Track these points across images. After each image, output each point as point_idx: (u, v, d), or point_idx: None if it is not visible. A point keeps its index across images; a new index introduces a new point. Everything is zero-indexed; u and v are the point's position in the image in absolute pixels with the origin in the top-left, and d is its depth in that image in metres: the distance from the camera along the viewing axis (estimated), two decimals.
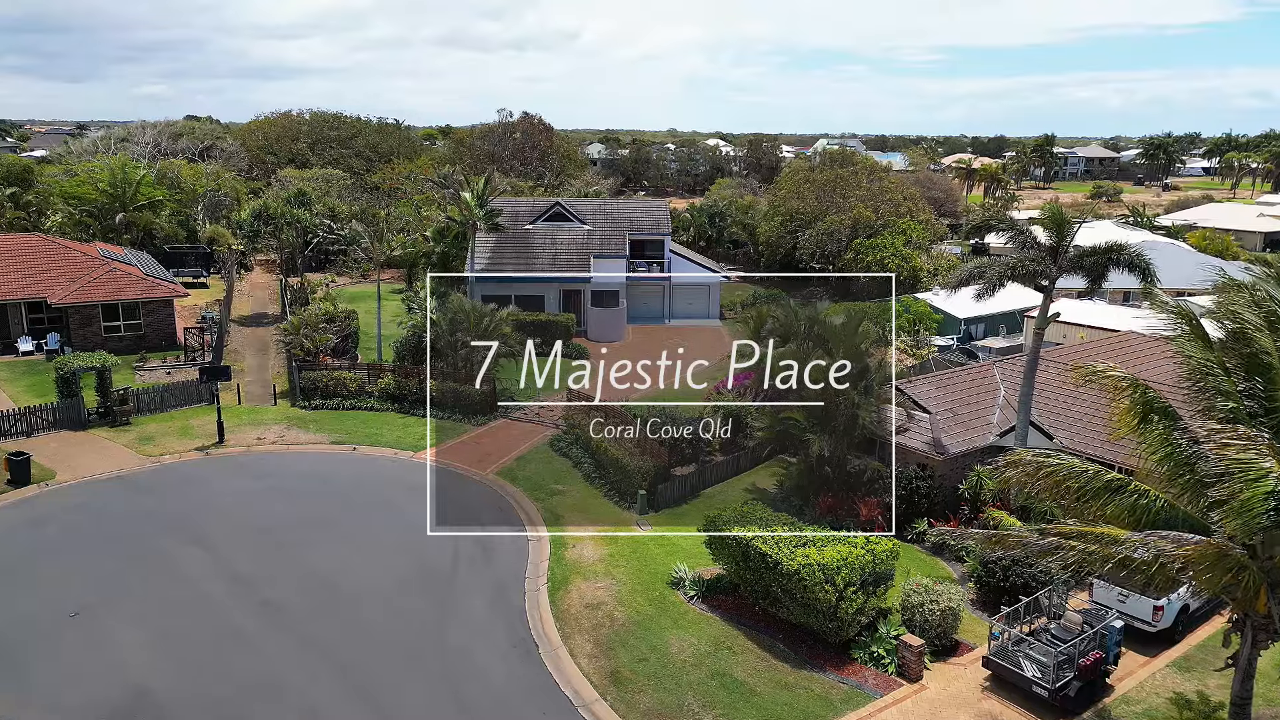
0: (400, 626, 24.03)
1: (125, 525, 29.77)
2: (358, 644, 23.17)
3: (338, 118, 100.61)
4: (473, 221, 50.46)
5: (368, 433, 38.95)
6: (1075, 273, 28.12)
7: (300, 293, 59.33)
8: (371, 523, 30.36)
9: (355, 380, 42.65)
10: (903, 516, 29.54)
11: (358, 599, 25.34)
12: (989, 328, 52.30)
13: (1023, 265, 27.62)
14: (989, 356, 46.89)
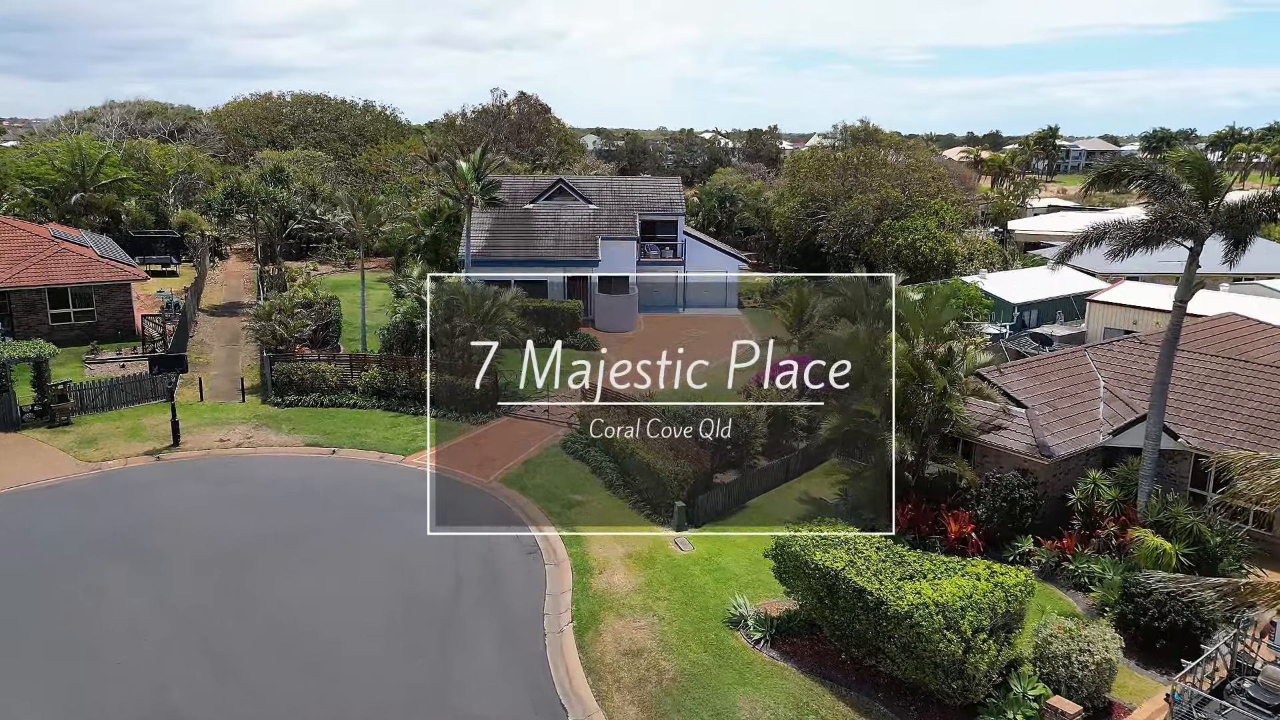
0: (388, 684, 18.60)
1: (48, 548, 24.22)
2: (331, 712, 17.73)
3: (321, 100, 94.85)
4: (468, 196, 45.02)
5: (350, 433, 33.47)
6: (1222, 231, 22.84)
7: (278, 280, 53.73)
8: (353, 542, 24.91)
9: (336, 373, 37.17)
10: (1001, 533, 24.30)
11: (333, 646, 19.90)
12: (1043, 314, 47.18)
13: (1174, 217, 22.32)
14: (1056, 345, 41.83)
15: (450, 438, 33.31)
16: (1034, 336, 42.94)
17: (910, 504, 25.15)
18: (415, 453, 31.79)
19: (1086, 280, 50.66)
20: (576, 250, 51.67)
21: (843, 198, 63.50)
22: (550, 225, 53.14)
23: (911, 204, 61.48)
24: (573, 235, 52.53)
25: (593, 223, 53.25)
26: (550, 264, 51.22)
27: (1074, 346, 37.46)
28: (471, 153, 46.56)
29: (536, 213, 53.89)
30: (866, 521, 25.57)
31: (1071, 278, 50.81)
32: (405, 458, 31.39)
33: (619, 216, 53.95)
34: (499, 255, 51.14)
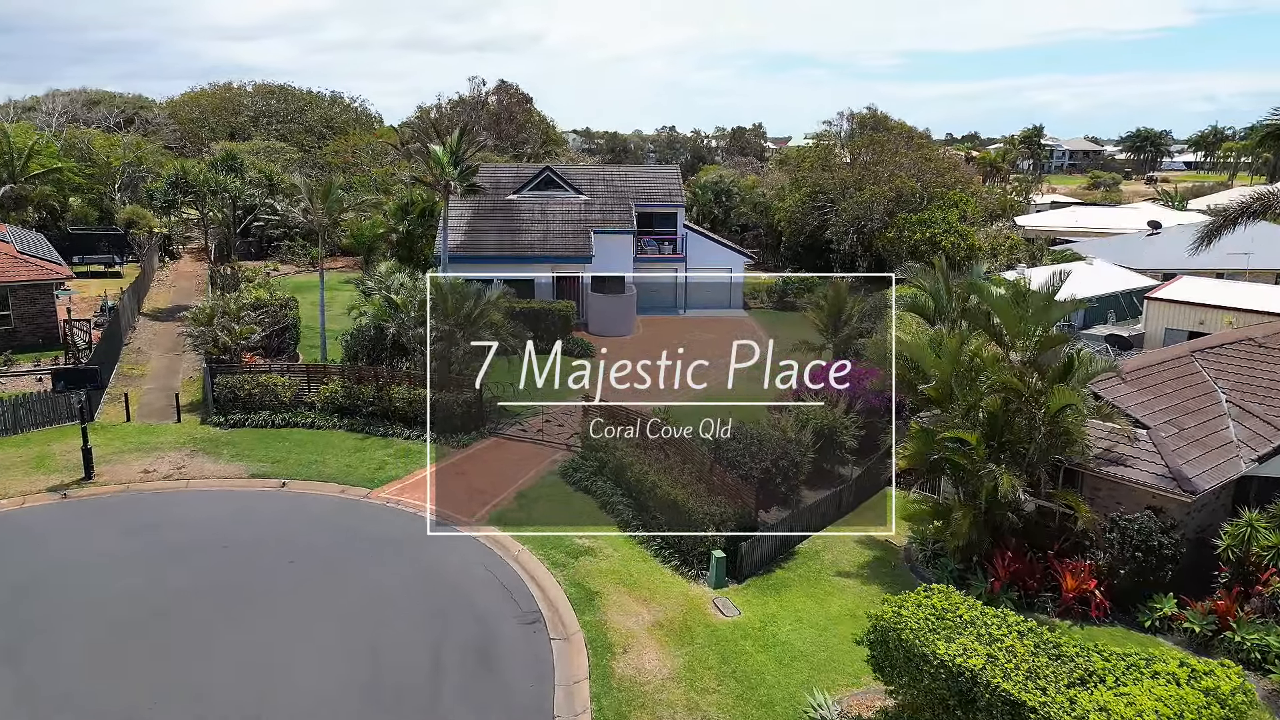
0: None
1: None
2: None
3: (284, 90, 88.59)
4: (444, 183, 39.45)
5: (304, 460, 27.80)
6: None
7: (232, 281, 47.81)
8: (301, 608, 19.31)
9: (290, 387, 31.45)
10: (1133, 588, 19.15)
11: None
12: (1092, 314, 42.27)
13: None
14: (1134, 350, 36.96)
15: (423, 464, 27.71)
16: (1110, 339, 38.01)
17: (1010, 551, 19.95)
18: (384, 485, 26.20)
19: (1131, 277, 45.93)
20: (567, 245, 46.21)
21: (852, 190, 58.47)
22: (537, 218, 47.64)
23: (928, 196, 56.53)
24: (562, 229, 47.06)
25: (584, 215, 47.81)
26: (538, 260, 45.72)
27: (1159, 349, 32.68)
28: (448, 136, 41.13)
29: (521, 204, 48.37)
30: (952, 574, 20.35)
31: (1117, 274, 46.09)
32: (371, 491, 25.78)
33: (613, 208, 48.55)
34: (480, 251, 45.57)
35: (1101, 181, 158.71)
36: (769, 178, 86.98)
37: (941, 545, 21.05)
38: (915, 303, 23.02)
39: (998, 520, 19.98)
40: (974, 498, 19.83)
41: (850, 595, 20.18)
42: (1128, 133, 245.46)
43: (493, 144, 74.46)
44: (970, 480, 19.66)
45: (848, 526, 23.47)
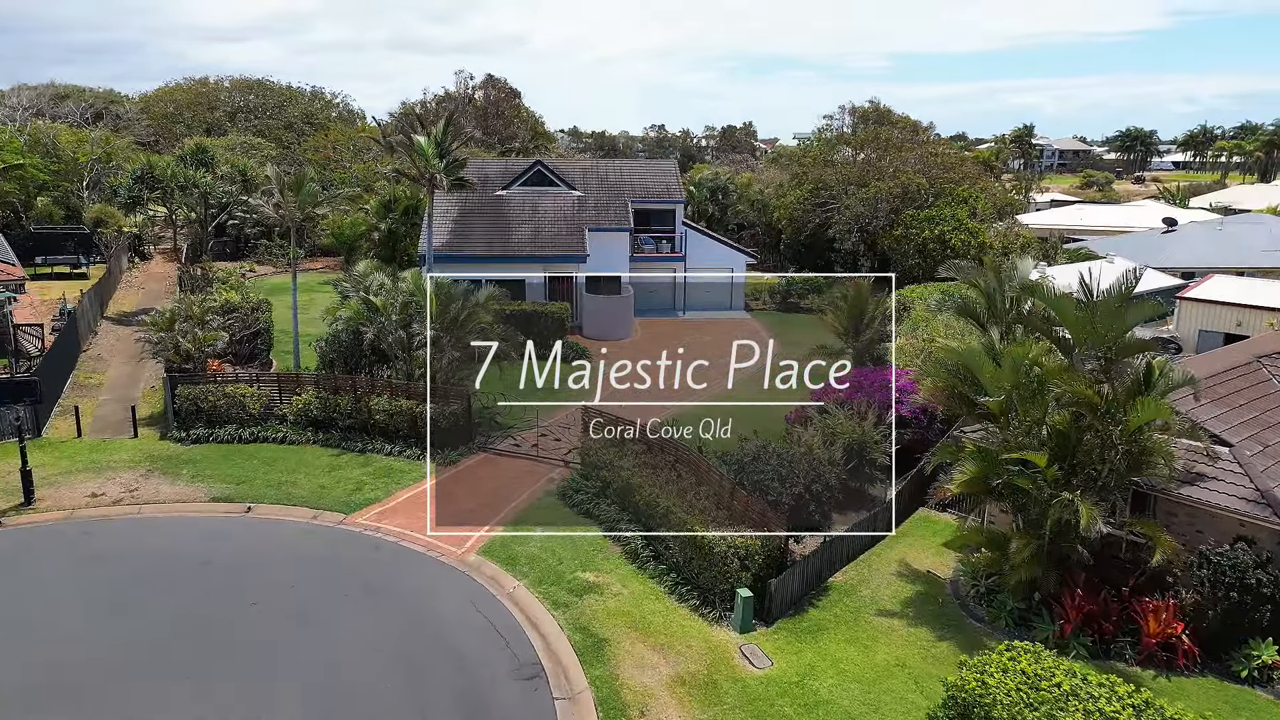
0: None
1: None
2: None
3: (263, 84, 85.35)
4: (429, 176, 36.66)
5: (273, 480, 25.01)
6: None
7: (202, 281, 44.87)
8: (260, 664, 16.56)
9: (259, 398, 28.62)
10: (1224, 632, 16.64)
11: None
12: None
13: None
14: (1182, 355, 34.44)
15: (407, 484, 24.98)
16: (1159, 342, 35.53)
17: (1080, 589, 17.41)
18: (361, 509, 23.43)
19: (1155, 275, 43.62)
20: (559, 243, 43.51)
21: (855, 186, 56.04)
22: (528, 214, 44.92)
23: (936, 192, 54.14)
24: (554, 226, 44.35)
25: (578, 211, 45.12)
26: (529, 260, 43.00)
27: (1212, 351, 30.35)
28: (432, 127, 38.36)
29: (511, 200, 45.63)
30: (1012, 614, 17.80)
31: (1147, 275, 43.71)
32: (348, 516, 23.01)
33: (608, 204, 45.88)
34: (467, 250, 42.80)
35: (1094, 181, 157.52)
36: (764, 175, 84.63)
37: (996, 579, 18.48)
38: (967, 305, 20.42)
39: (1063, 552, 17.44)
40: (1037, 527, 17.27)
41: (897, 640, 17.58)
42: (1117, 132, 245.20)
43: (480, 138, 71.66)
44: (1034, 507, 17.10)
45: (884, 556, 20.86)
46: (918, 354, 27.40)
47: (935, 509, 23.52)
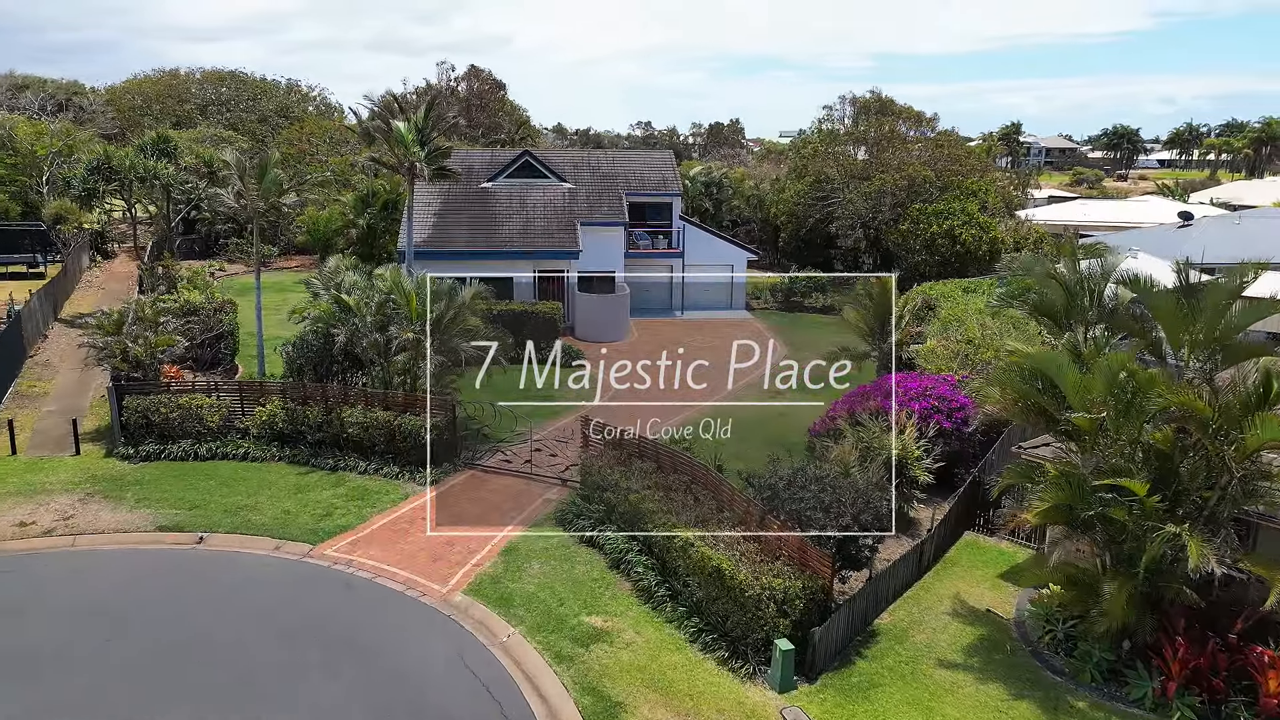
0: None
1: None
2: None
3: (235, 76, 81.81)
4: (409, 165, 33.67)
5: (231, 504, 21.99)
6: None
7: (164, 280, 41.71)
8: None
9: (219, 409, 25.56)
10: None
11: None
12: None
13: None
14: None
15: (383, 508, 22.02)
16: None
17: (1181, 638, 14.70)
18: (331, 537, 20.47)
19: None
20: (550, 239, 40.59)
21: (858, 180, 53.42)
22: (515, 208, 41.97)
23: (943, 185, 51.58)
24: (544, 220, 41.43)
25: (569, 205, 42.22)
26: (517, 256, 40.06)
27: None
28: (412, 113, 35.37)
29: (497, 193, 42.67)
30: (1099, 666, 15.07)
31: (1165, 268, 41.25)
32: (314, 547, 20.04)
33: (601, 197, 43.01)
34: (450, 245, 39.81)
35: (1084, 178, 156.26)
36: (757, 170, 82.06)
37: (1077, 624, 15.75)
38: (1043, 302, 17.66)
39: (1159, 592, 14.75)
40: (1130, 564, 14.56)
41: (965, 700, 14.82)
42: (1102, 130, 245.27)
43: (464, 130, 68.62)
44: (1129, 541, 14.38)
45: (934, 590, 18.11)
46: (952, 357, 24.70)
47: (983, 533, 20.82)
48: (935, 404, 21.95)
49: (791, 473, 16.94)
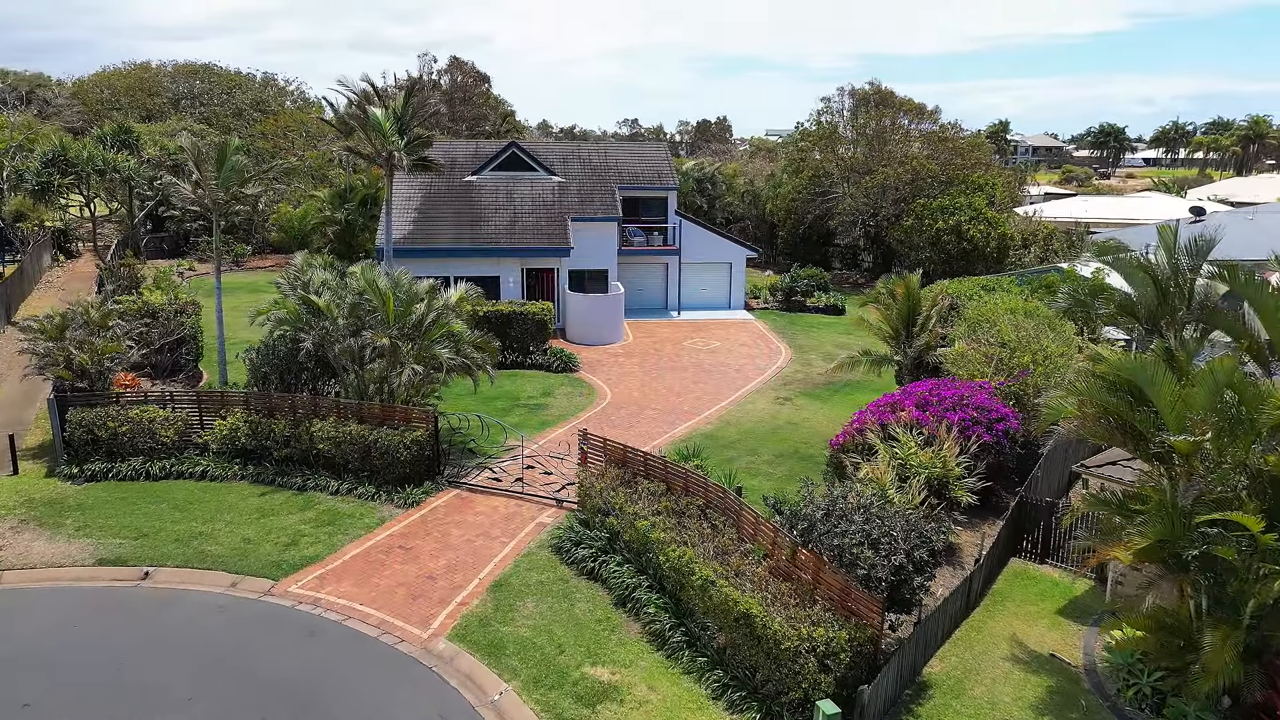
0: None
1: None
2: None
3: (209, 69, 78.81)
4: (387, 155, 31.21)
5: (184, 532, 19.48)
6: None
7: (126, 281, 38.99)
8: None
9: (174, 423, 23.01)
10: None
11: None
12: None
13: None
14: None
15: (356, 535, 19.55)
16: None
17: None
18: (297, 571, 18.00)
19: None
20: (539, 235, 38.16)
21: (859, 174, 51.29)
22: (502, 202, 39.50)
23: (948, 180, 49.50)
24: (533, 215, 38.99)
25: (559, 199, 39.79)
26: (504, 253, 37.62)
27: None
28: (391, 99, 32.91)
29: (483, 186, 40.19)
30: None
31: None
32: (277, 583, 17.57)
33: (593, 191, 40.62)
34: (432, 242, 37.32)
35: (1074, 176, 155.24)
36: (750, 166, 79.88)
37: (1165, 675, 13.49)
38: (1129, 301, 15.39)
39: (1264, 642, 12.53)
40: (1233, 609, 12.33)
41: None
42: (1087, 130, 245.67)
43: (448, 125, 66.05)
44: (1234, 582, 12.15)
45: (986, 630, 15.83)
46: (985, 361, 22.45)
47: (1031, 559, 18.59)
48: (974, 415, 19.70)
49: (829, 503, 14.57)
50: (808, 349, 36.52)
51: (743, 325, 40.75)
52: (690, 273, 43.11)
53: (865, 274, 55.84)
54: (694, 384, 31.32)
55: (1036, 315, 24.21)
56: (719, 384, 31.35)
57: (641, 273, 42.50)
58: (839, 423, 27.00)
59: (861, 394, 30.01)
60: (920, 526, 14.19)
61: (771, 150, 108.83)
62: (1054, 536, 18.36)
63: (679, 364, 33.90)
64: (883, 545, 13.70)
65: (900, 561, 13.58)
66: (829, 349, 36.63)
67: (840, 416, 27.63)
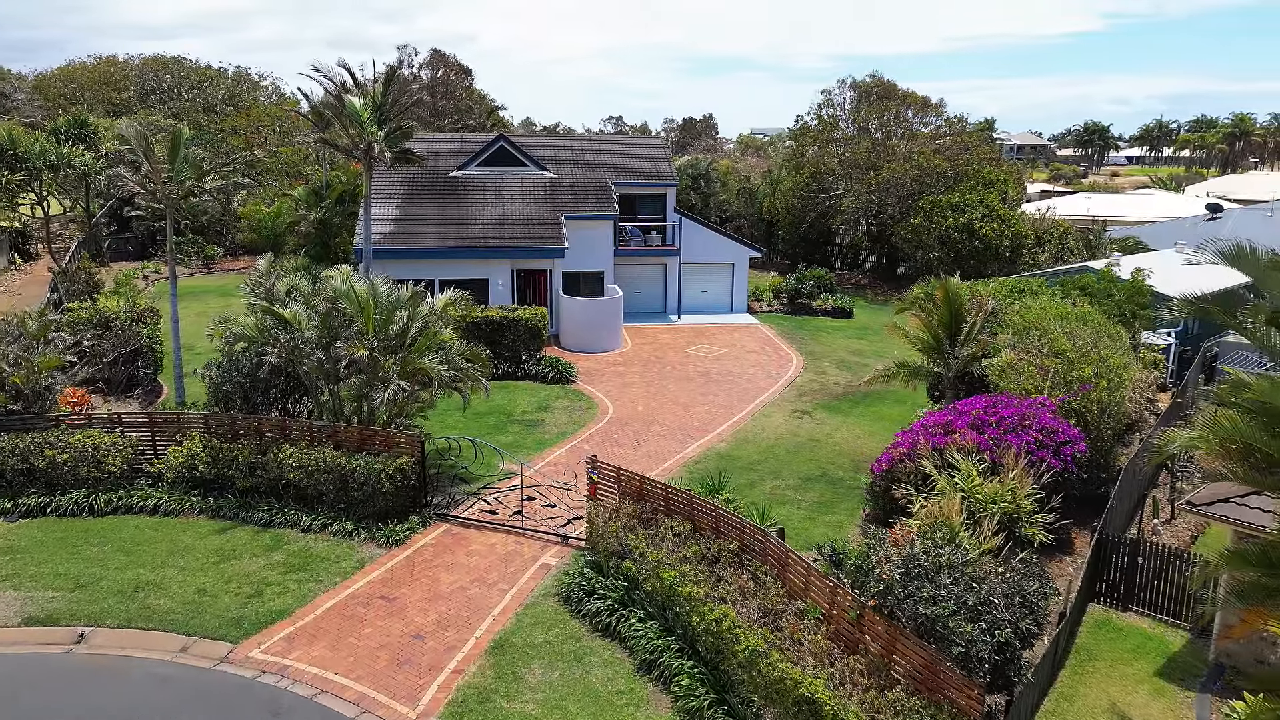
0: None
1: None
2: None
3: (179, 63, 75.48)
4: (365, 145, 28.48)
5: (129, 580, 16.73)
6: None
7: (82, 286, 35.98)
8: None
9: (122, 449, 20.20)
10: None
11: None
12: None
13: None
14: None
15: (332, 584, 16.85)
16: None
17: None
18: (261, 629, 15.30)
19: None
20: (530, 234, 35.47)
21: (863, 170, 48.91)
22: (490, 199, 36.78)
23: (957, 175, 47.22)
24: (524, 213, 36.30)
25: (551, 196, 37.13)
26: (492, 254, 34.90)
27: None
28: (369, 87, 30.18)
29: (469, 182, 37.46)
30: None
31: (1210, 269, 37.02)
32: (236, 647, 14.84)
33: (587, 187, 37.97)
34: (415, 243, 34.56)
35: (1061, 174, 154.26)
36: (743, 162, 77.51)
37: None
38: None
39: None
40: None
41: None
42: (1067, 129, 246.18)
43: (429, 120, 63.16)
44: None
45: (1080, 698, 13.34)
46: (1041, 375, 20.03)
47: (1113, 606, 16.16)
48: (1039, 437, 17.26)
49: (907, 559, 12.00)
50: (820, 356, 34.08)
51: (748, 330, 38.24)
52: (690, 274, 40.58)
53: (868, 274, 53.55)
54: (702, 395, 28.80)
55: (1091, 321, 21.84)
56: (729, 395, 28.84)
57: (639, 274, 39.93)
58: (865, 439, 24.64)
59: (884, 406, 27.64)
60: (1023, 588, 11.69)
61: (761, 147, 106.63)
62: (1139, 579, 15.97)
63: (684, 373, 31.37)
64: (983, 615, 11.20)
65: (1008, 637, 11.09)
66: (842, 355, 34.25)
67: (866, 432, 25.25)
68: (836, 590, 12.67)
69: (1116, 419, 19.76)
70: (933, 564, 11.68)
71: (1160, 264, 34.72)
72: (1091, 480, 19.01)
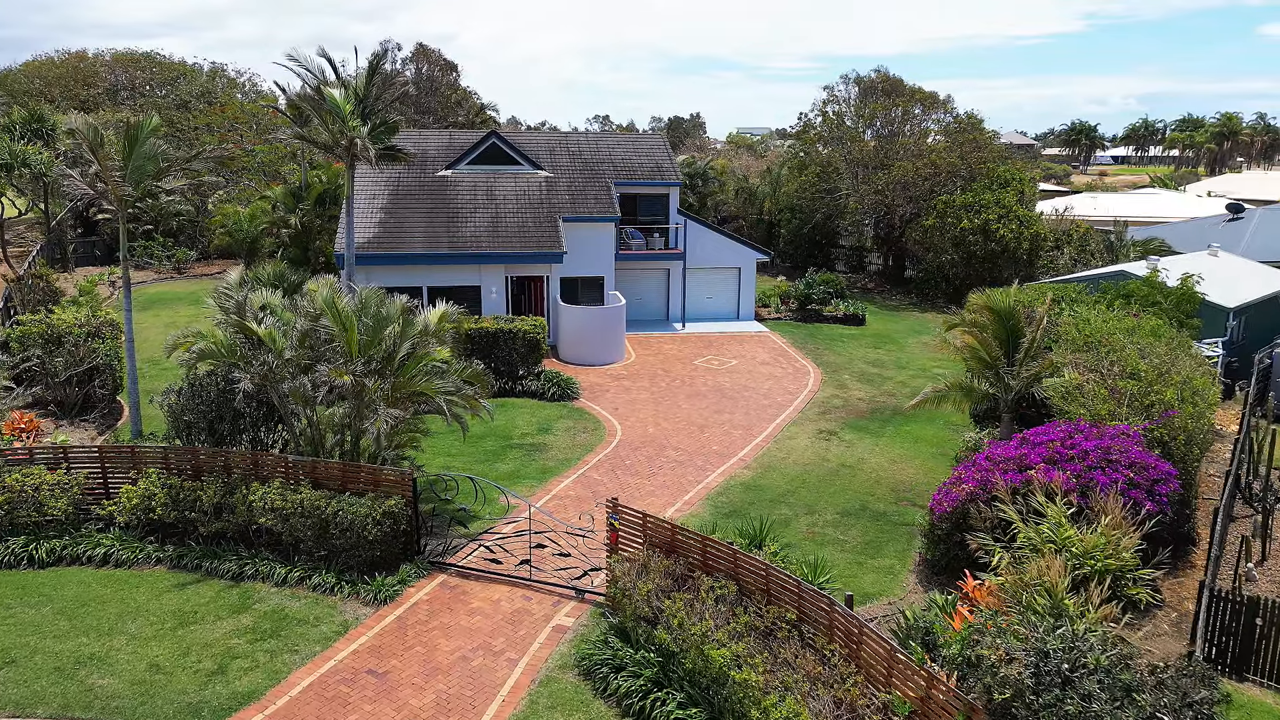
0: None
1: None
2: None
3: (150, 58, 72.41)
4: (348, 143, 25.91)
5: (69, 655, 14.11)
6: None
7: (39, 293, 33.21)
8: None
9: (68, 489, 17.56)
10: None
11: None
12: (1259, 325, 30.89)
13: None
14: None
15: (310, 651, 14.30)
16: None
17: None
18: (235, 714, 12.72)
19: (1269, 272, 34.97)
20: (526, 237, 32.96)
21: (871, 169, 46.70)
22: (482, 200, 34.23)
23: (970, 174, 45.11)
24: (518, 215, 33.76)
25: (547, 196, 34.62)
26: (485, 258, 32.36)
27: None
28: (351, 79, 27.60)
29: (459, 182, 34.89)
30: None
31: (1256, 268, 35.14)
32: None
33: (585, 188, 35.50)
34: (401, 247, 31.96)
35: (1052, 174, 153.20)
36: (736, 162, 75.36)
37: None
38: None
39: None
40: None
41: None
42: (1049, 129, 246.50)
43: (414, 118, 60.48)
44: None
45: None
46: (1115, 399, 17.73)
47: (1230, 675, 13.86)
48: (1130, 475, 14.95)
49: (1037, 654, 9.58)
50: (838, 368, 31.79)
51: (758, 339, 35.88)
52: (695, 279, 38.19)
53: (874, 278, 51.37)
54: (716, 414, 26.42)
55: (1161, 335, 19.59)
56: (747, 413, 26.48)
57: (640, 279, 37.53)
58: (901, 464, 22.31)
59: (916, 425, 25.34)
60: (1188, 691, 9.34)
61: (752, 146, 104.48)
62: (1256, 640, 13.70)
63: (695, 388, 28.98)
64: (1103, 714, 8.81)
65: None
66: (861, 367, 31.98)
67: (901, 455, 22.92)
68: (932, 682, 10.28)
69: (1202, 448, 17.51)
70: (1072, 663, 9.29)
71: (1195, 268, 32.59)
72: (1178, 519, 16.77)
